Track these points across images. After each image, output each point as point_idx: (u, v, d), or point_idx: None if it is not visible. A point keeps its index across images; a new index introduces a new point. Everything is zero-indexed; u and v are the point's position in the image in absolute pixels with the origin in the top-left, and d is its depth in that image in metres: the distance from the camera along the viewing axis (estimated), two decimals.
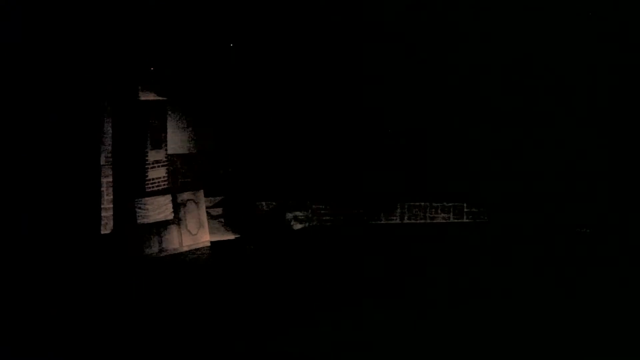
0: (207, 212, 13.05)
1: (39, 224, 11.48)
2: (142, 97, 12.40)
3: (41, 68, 11.63)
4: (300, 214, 13.96)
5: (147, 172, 12.46)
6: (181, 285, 10.66)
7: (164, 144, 12.79)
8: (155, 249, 11.98)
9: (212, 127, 14.08)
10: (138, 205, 12.02)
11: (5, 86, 11.44)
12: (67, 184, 11.80)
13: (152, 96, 12.56)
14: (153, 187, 12.53)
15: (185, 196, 12.65)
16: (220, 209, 13.80)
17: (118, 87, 12.46)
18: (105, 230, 12.34)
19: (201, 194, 12.89)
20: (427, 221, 14.39)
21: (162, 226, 12.17)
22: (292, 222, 13.90)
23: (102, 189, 12.47)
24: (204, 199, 12.95)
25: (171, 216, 12.35)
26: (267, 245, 12.91)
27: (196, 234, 12.58)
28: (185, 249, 12.34)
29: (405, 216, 14.37)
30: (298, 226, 13.88)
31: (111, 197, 12.51)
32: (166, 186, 12.78)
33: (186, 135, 13.87)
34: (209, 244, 12.64)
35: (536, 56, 13.97)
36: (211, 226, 12.96)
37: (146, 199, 12.15)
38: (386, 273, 11.16)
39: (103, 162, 12.52)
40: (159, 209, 12.22)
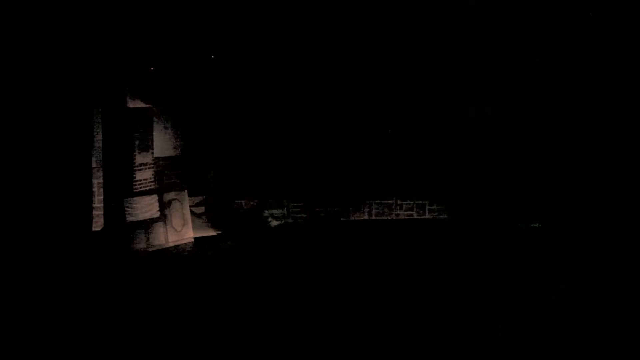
0: (191, 211, 13.14)
1: (35, 221, 10.98)
2: (130, 105, 12.54)
3: (39, 84, 11.18)
4: (277, 212, 14.10)
5: (134, 174, 12.62)
6: (167, 277, 10.77)
7: (151, 147, 12.95)
8: (143, 245, 12.15)
9: (195, 132, 14.03)
10: (127, 204, 12.17)
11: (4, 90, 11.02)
12: (61, 185, 11.44)
13: (139, 104, 12.68)
14: (140, 187, 12.69)
15: (170, 196, 12.78)
16: (202, 207, 13.82)
17: (108, 96, 12.53)
18: (96, 228, 12.51)
19: (185, 193, 13.00)
20: (393, 217, 14.51)
21: (149, 224, 12.33)
22: (269, 219, 13.96)
23: (94, 190, 12.65)
24: (187, 198, 13.03)
25: (157, 214, 12.46)
26: (246, 240, 12.95)
27: (180, 230, 12.74)
28: (171, 244, 12.47)
29: (373, 213, 14.47)
30: (275, 223, 13.94)
31: (102, 197, 12.68)
32: (152, 187, 12.95)
33: (171, 140, 13.85)
34: (192, 240, 12.76)
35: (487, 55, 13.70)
36: (194, 223, 13.09)
37: (134, 198, 12.29)
38: (345, 265, 11.29)
39: (94, 165, 12.66)
40: (146, 207, 12.36)
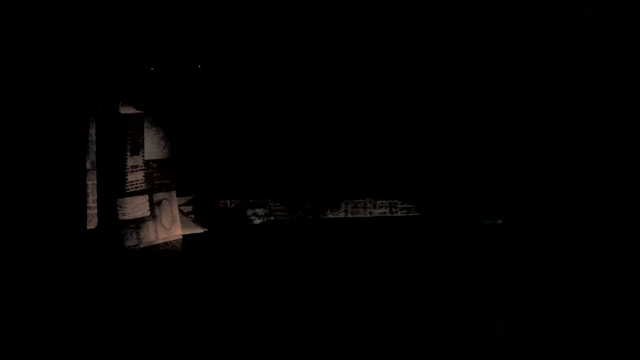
0: (179, 210, 13.30)
1: (33, 221, 11.43)
2: (122, 111, 12.59)
3: (39, 85, 11.60)
4: (260, 210, 14.18)
5: (126, 176, 12.64)
6: (157, 271, 11.06)
7: (142, 150, 12.95)
8: (134, 242, 12.34)
9: (183, 136, 14.11)
10: (119, 204, 12.30)
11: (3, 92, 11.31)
12: (57, 186, 11.79)
13: (131, 110, 12.72)
14: (132, 188, 12.71)
15: (160, 196, 12.94)
16: (190, 206, 14.00)
17: (101, 103, 12.58)
18: (90, 226, 12.62)
19: (174, 194, 13.16)
20: (367, 215, 14.71)
21: (140, 222, 12.51)
22: (253, 217, 14.10)
23: (88, 190, 12.79)
24: (176, 198, 13.18)
25: (148, 213, 12.64)
26: (230, 236, 13.17)
27: (170, 228, 12.94)
28: (161, 241, 12.68)
29: (349, 211, 14.69)
30: (258, 221, 14.08)
31: (96, 197, 12.77)
32: (143, 187, 12.94)
33: (161, 144, 13.93)
34: (180, 237, 13.00)
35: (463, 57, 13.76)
36: (183, 221, 13.30)
37: (126, 198, 12.40)
38: (321, 261, 11.51)
39: (89, 167, 12.79)
40: (137, 207, 12.51)
